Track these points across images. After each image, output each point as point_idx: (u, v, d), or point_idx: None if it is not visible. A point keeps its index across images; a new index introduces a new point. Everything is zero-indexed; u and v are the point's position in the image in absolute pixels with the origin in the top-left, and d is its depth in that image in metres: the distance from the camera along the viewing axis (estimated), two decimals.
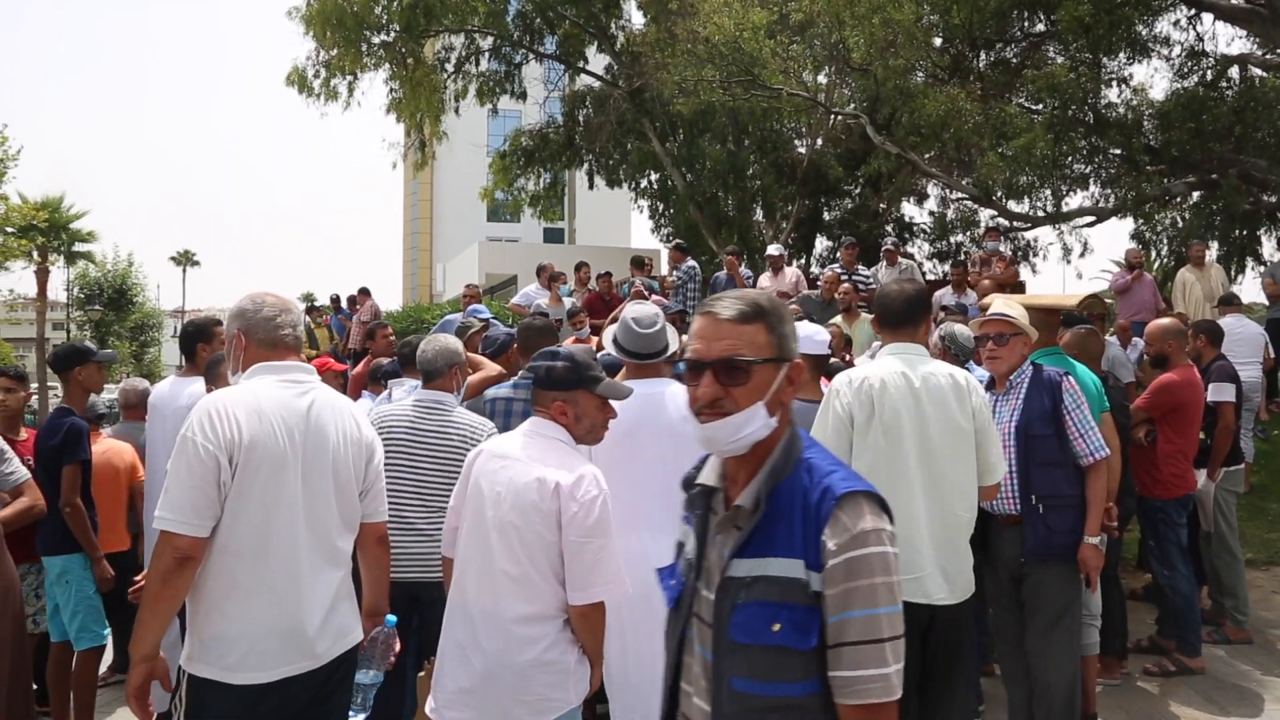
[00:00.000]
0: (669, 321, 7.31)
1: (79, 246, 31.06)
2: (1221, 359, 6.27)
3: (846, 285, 9.17)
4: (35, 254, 28.17)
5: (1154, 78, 38.28)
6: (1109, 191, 14.89)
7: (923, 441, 3.27)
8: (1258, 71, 13.66)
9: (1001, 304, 4.20)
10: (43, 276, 28.77)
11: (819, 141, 17.84)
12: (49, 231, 28.36)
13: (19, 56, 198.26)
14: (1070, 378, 3.98)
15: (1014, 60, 15.22)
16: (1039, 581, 3.92)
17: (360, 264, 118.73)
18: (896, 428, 3.25)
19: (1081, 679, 4.75)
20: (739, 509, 1.70)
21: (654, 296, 8.83)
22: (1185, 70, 14.04)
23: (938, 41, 14.75)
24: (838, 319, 8.91)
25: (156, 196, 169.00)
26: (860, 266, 10.74)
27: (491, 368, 5.12)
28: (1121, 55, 13.74)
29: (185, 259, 55.75)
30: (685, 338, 4.96)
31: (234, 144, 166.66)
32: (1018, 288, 12.50)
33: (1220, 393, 6.04)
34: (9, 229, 23.89)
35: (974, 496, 3.38)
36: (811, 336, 4.13)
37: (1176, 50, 14.11)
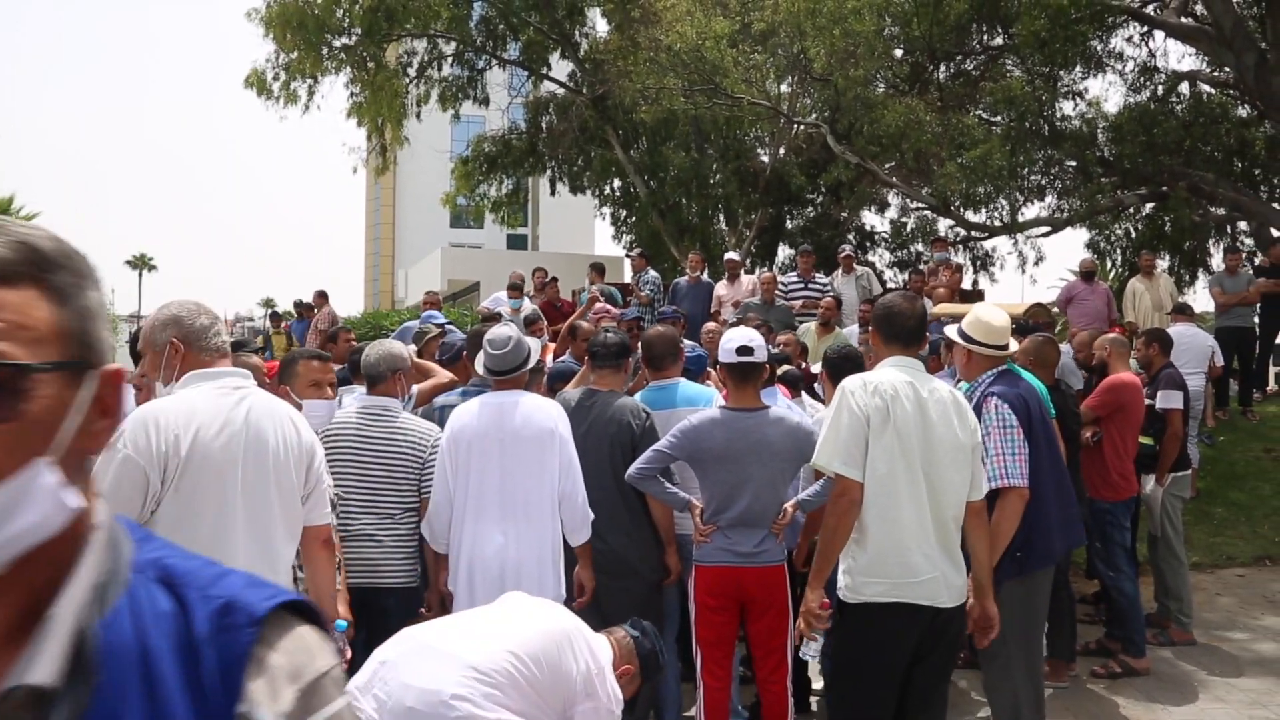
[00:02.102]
0: (627, 329, 7.35)
1: None
2: (1170, 367, 6.40)
3: (829, 299, 9.25)
4: None
5: (1108, 91, 38.98)
6: (1064, 202, 15.13)
7: (926, 451, 3.31)
8: (1206, 88, 13.97)
9: (985, 309, 4.26)
10: None
11: (781, 150, 17.95)
12: None
13: None
14: (993, 399, 3.94)
15: (973, 72, 15.41)
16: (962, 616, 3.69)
17: (321, 269, 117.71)
18: (906, 434, 3.29)
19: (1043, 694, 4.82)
20: (12, 695, 0.77)
21: (610, 309, 8.82)
22: (1138, 85, 14.31)
23: (898, 53, 14.91)
24: (810, 328, 8.98)
25: (111, 199, 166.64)
26: (818, 275, 10.84)
27: (443, 375, 5.10)
28: (1077, 69, 13.98)
29: (141, 263, 55.04)
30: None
31: (191, 146, 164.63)
32: (974, 295, 12.67)
33: (1168, 400, 6.16)
34: None
35: (963, 507, 3.43)
36: (749, 342, 4.09)
37: (1130, 65, 14.39)
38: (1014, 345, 4.18)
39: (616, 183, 21.14)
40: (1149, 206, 14.66)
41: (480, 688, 2.63)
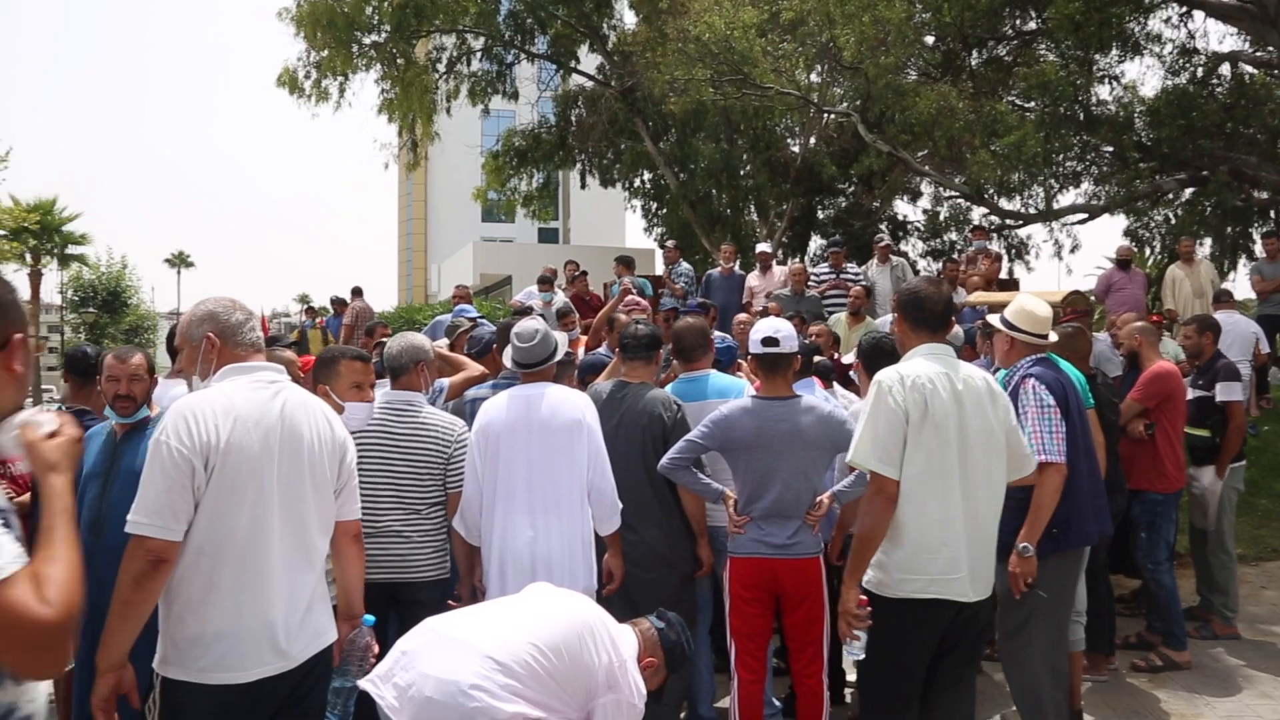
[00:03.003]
0: (661, 321, 7.32)
1: (72, 249, 30.99)
2: (1222, 356, 6.26)
3: (859, 288, 9.19)
4: (28, 257, 28.10)
5: (1145, 75, 38.40)
6: (1101, 188, 14.93)
7: (962, 443, 3.29)
8: (1248, 69, 13.69)
9: (1028, 298, 4.24)
10: (35, 279, 28.72)
11: (812, 140, 17.83)
12: (41, 234, 28.30)
13: (10, 59, 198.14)
14: (1031, 380, 3.95)
15: (1005, 58, 15.23)
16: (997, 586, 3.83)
17: (355, 265, 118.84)
18: (944, 428, 3.26)
19: (1068, 676, 4.77)
20: None
21: (640, 300, 8.79)
22: (1176, 67, 14.06)
23: (929, 39, 14.77)
24: (840, 318, 8.93)
25: (150, 199, 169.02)
26: (850, 265, 10.76)
27: (474, 368, 5.11)
28: (1113, 53, 13.77)
29: (179, 261, 55.79)
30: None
31: (227, 145, 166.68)
32: (1009, 284, 12.53)
33: (1229, 392, 6.01)
34: (1, 232, 23.87)
35: (1002, 497, 3.42)
36: (774, 333, 4.08)
37: (1168, 48, 14.15)
38: (1054, 336, 4.17)
39: (646, 175, 21.13)
40: (1189, 192, 14.42)
41: (499, 678, 2.64)
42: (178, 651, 2.55)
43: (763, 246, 11.66)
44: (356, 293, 15.05)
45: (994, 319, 4.32)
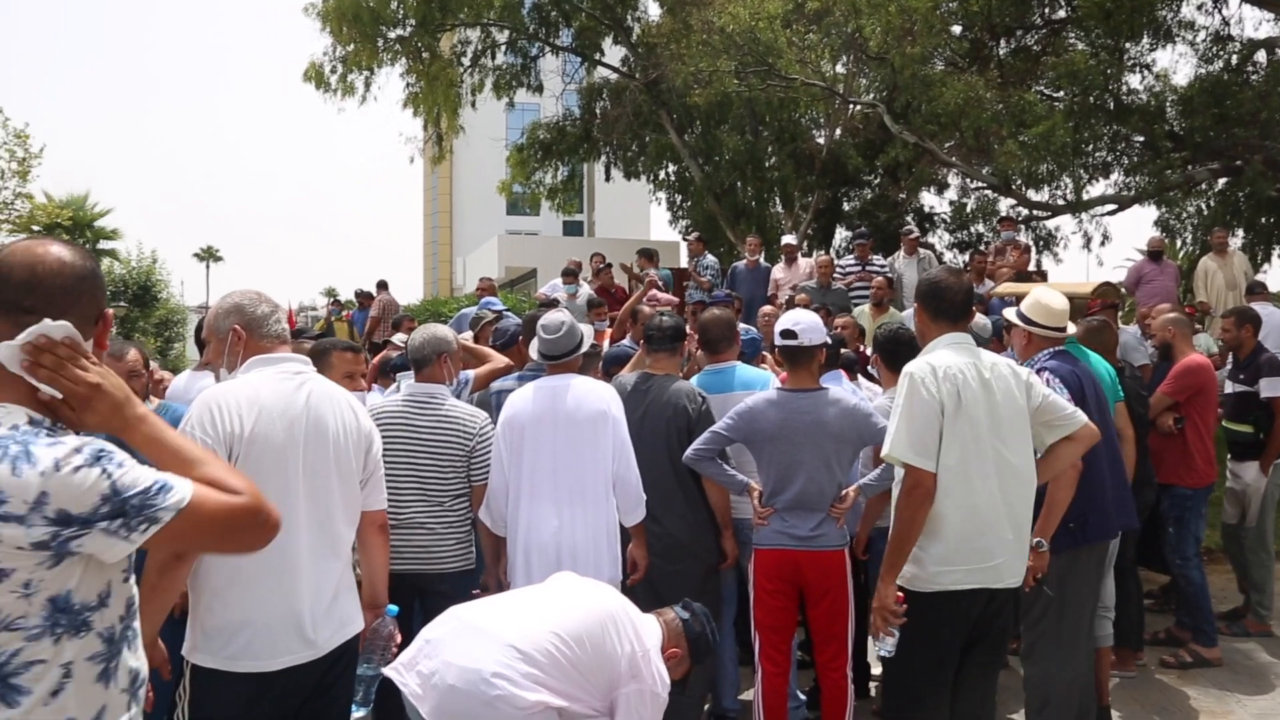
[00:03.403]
0: (688, 313, 7.32)
1: (103, 244, 31.31)
2: (1264, 350, 6.15)
3: (881, 279, 9.15)
4: None
5: (1177, 63, 37.75)
6: (1131, 179, 14.74)
7: (995, 431, 3.28)
8: None
9: (1044, 292, 4.21)
10: None
11: (837, 131, 17.72)
12: (73, 229, 28.58)
13: (41, 55, 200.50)
14: (1045, 374, 3.92)
15: (1034, 47, 15.06)
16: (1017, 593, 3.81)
17: (382, 258, 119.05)
18: (975, 418, 3.25)
19: (1095, 672, 4.72)
20: None
21: (666, 294, 8.80)
22: (1210, 55, 13.84)
23: (956, 29, 14.61)
24: (864, 310, 8.89)
25: (179, 194, 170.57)
26: (876, 257, 10.70)
27: (499, 360, 5.12)
28: (1144, 40, 13.58)
29: (208, 255, 56.33)
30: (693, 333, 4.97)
31: (254, 140, 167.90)
32: (1037, 276, 12.40)
33: (1274, 388, 5.90)
34: (34, 227, 24.13)
35: (1034, 483, 3.40)
36: (793, 325, 4.07)
37: (1201, 35, 13.92)
38: (1072, 328, 4.14)
39: (671, 167, 21.06)
40: (1222, 182, 14.21)
41: (521, 667, 2.65)
42: (206, 639, 2.58)
43: (788, 239, 11.62)
44: (381, 286, 15.15)
45: (1010, 313, 4.30)
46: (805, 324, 4.04)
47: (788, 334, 4.02)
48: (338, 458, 2.77)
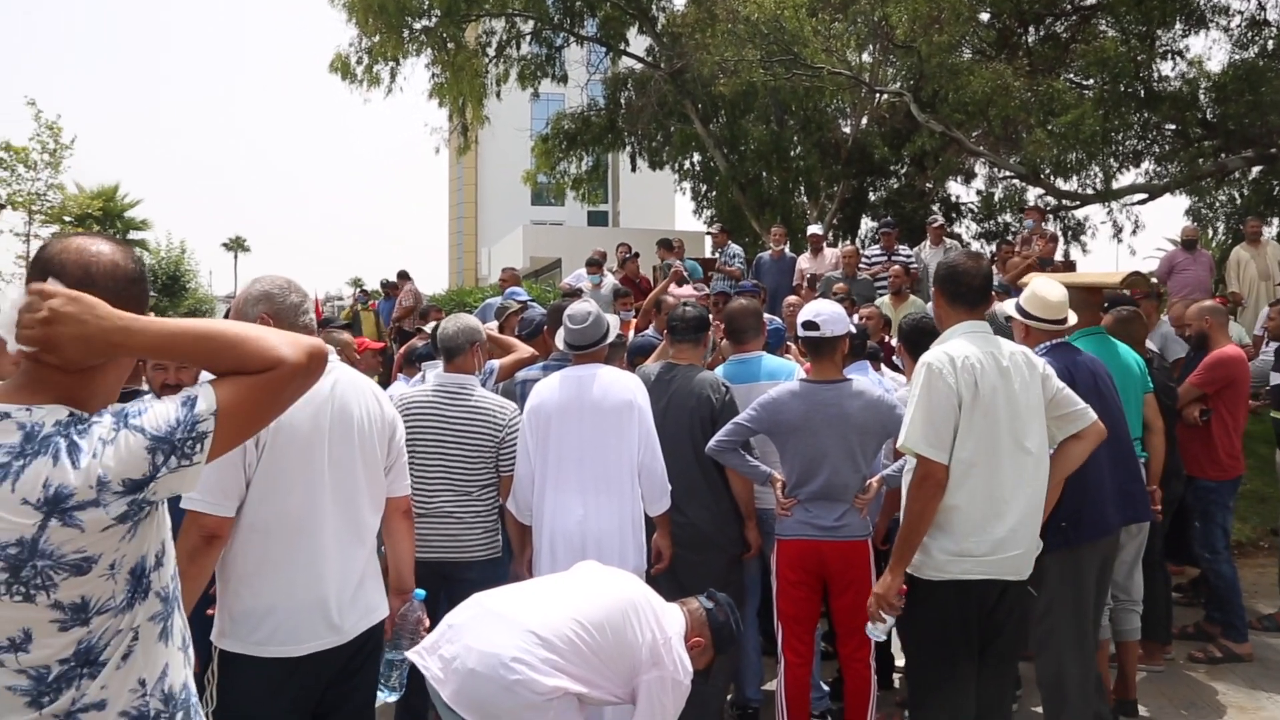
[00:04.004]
0: (709, 304, 7.31)
1: (133, 234, 31.70)
2: None
3: (898, 267, 9.10)
4: None
5: (1211, 49, 37.09)
6: (1162, 167, 14.55)
7: (1011, 422, 3.26)
8: None
9: (1042, 283, 4.15)
10: None
11: (863, 121, 17.61)
12: (104, 220, 28.96)
13: (72, 48, 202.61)
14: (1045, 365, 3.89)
15: (1063, 35, 14.87)
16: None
17: (407, 248, 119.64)
18: (993, 409, 3.23)
19: (1121, 665, 4.69)
20: None
21: (693, 284, 8.77)
22: (1245, 40, 13.58)
23: (984, 16, 14.46)
24: (885, 300, 8.85)
25: (207, 184, 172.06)
26: (902, 247, 10.63)
27: (524, 349, 5.14)
28: (1176, 27, 13.37)
29: (236, 245, 56.75)
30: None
31: (281, 131, 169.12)
32: (1065, 267, 12.27)
33: None
34: (66, 218, 24.42)
35: (1048, 473, 3.38)
36: (814, 316, 4.05)
37: (1235, 20, 13.67)
38: (1073, 318, 4.07)
39: (696, 157, 21.02)
40: (1255, 170, 13.99)
41: (540, 652, 2.68)
42: (234, 624, 2.61)
43: (814, 229, 11.57)
44: (403, 276, 15.17)
45: (1009, 306, 4.25)
46: (827, 315, 4.02)
47: (809, 325, 4.01)
48: (362, 445, 2.79)
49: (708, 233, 17.06)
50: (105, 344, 1.56)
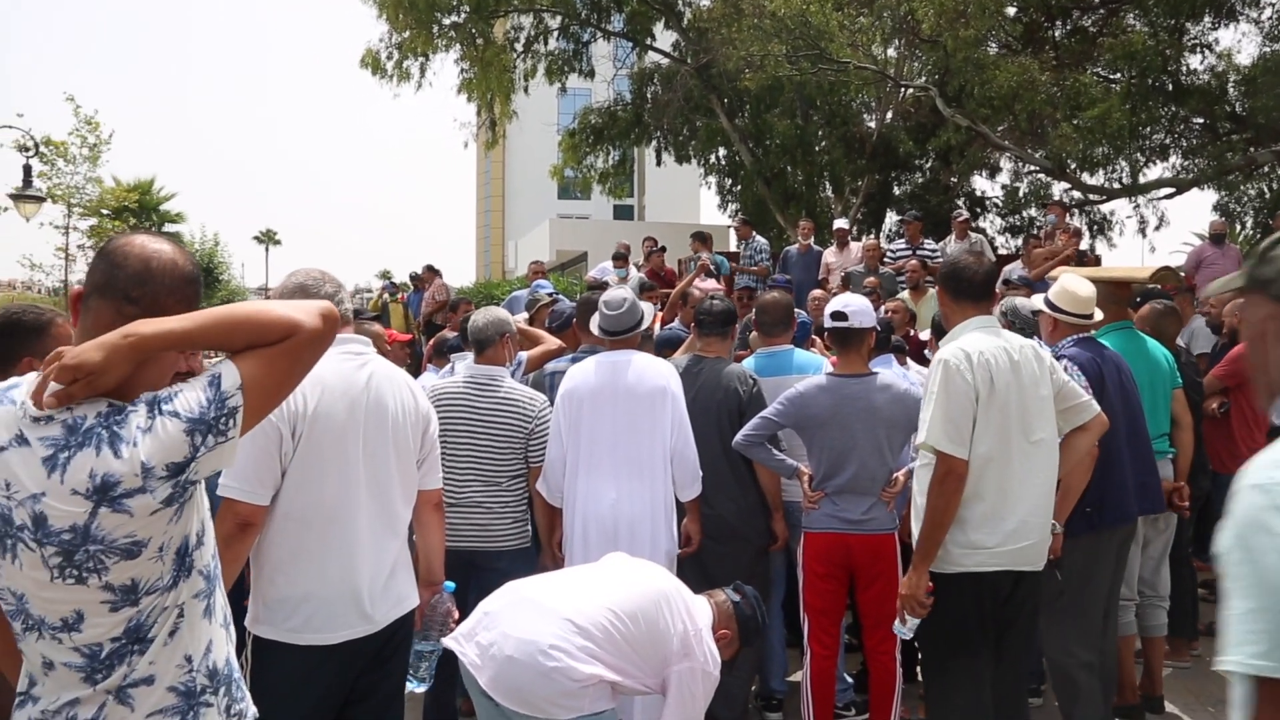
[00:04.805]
0: (737, 299, 7.34)
1: (168, 227, 31.94)
2: None
3: (914, 261, 9.09)
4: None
5: (1241, 42, 36.62)
6: (1189, 162, 14.41)
7: (1022, 415, 3.30)
8: None
9: (1071, 278, 4.18)
10: None
11: (888, 115, 17.54)
12: (141, 213, 29.24)
13: (111, 47, 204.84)
14: (1065, 361, 3.91)
15: (1090, 29, 14.75)
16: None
17: (435, 241, 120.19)
18: (1006, 404, 3.27)
19: (1147, 660, 4.69)
20: None
21: (717, 280, 8.80)
22: (1276, 33, 13.44)
23: (1010, 10, 14.37)
24: (904, 295, 8.84)
25: (239, 178, 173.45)
26: (927, 240, 10.61)
27: (552, 341, 5.19)
28: (1205, 19, 13.24)
29: (268, 238, 57.11)
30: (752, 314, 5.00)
31: (312, 126, 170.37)
32: (1090, 262, 12.19)
33: None
34: (104, 211, 24.79)
35: (1056, 463, 3.42)
36: (844, 308, 4.08)
37: (1266, 12, 13.52)
38: (1099, 314, 4.10)
39: (721, 151, 20.99)
40: None
41: (577, 640, 2.72)
42: (268, 611, 2.66)
43: (840, 223, 11.55)
44: (431, 270, 15.27)
45: (1038, 300, 4.29)
46: (855, 306, 4.05)
47: (838, 315, 4.02)
48: (396, 438, 2.83)
49: (731, 226, 17.06)
50: (129, 360, 1.63)
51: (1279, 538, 1.10)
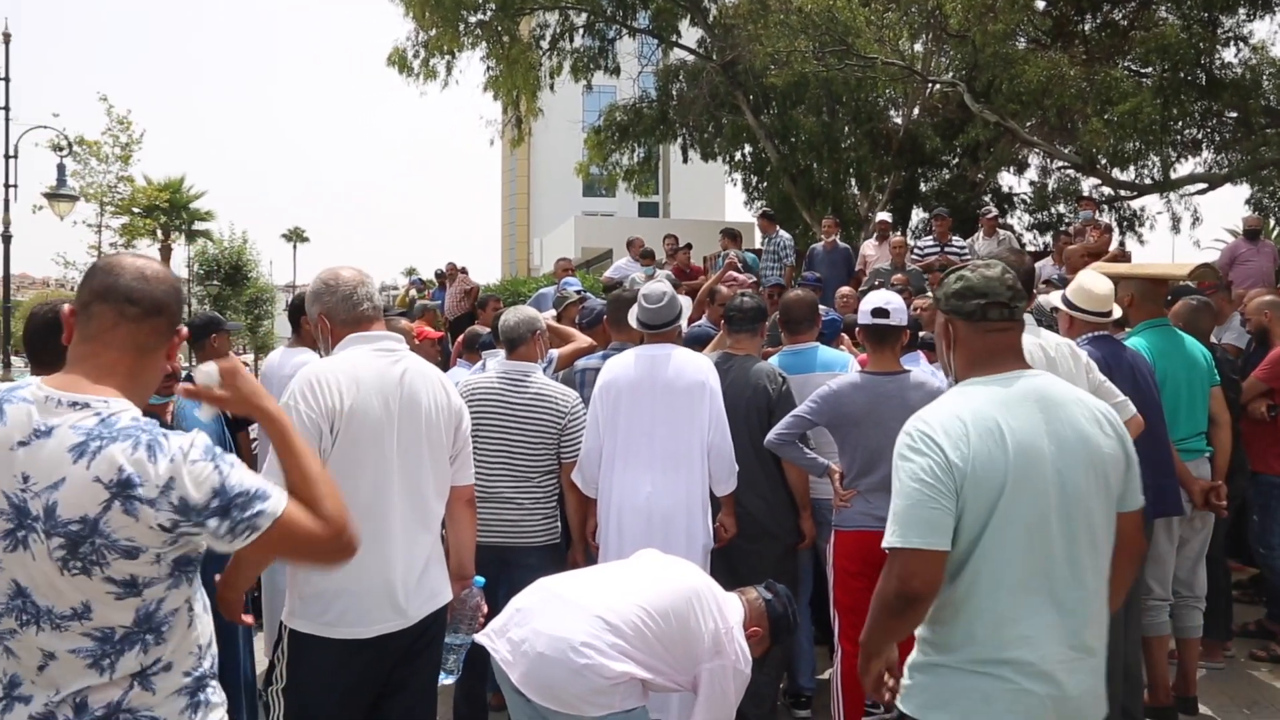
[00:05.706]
0: (766, 296, 7.31)
1: (198, 225, 32.22)
2: None
3: (934, 263, 9.04)
4: (159, 233, 29.45)
5: (1276, 34, 36.06)
6: (1223, 156, 14.23)
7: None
8: None
9: (1088, 276, 4.15)
10: (166, 254, 29.95)
11: (915, 111, 17.42)
12: (171, 211, 29.57)
13: (142, 49, 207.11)
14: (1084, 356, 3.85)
15: (1121, 22, 14.59)
16: None
17: (461, 238, 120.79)
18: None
19: (1182, 662, 4.64)
20: None
21: (738, 276, 8.75)
22: None
23: (1039, 4, 14.24)
24: (931, 292, 8.79)
25: (268, 177, 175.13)
26: (955, 238, 10.54)
27: (582, 339, 5.21)
28: (1240, 12, 13.06)
29: (295, 236, 57.46)
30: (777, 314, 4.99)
31: (339, 124, 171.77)
32: (1121, 259, 12.07)
33: None
34: (135, 209, 25.11)
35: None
36: (885, 305, 4.05)
37: None
38: (1117, 312, 4.07)
39: (747, 148, 20.92)
40: None
41: (608, 638, 2.73)
42: (304, 605, 2.70)
43: (882, 215, 11.52)
44: (452, 267, 15.30)
45: (1055, 297, 4.25)
46: (896, 304, 4.04)
47: (880, 312, 3.98)
48: (429, 434, 2.86)
49: (760, 216, 17.03)
50: (245, 409, 2.04)
51: None
